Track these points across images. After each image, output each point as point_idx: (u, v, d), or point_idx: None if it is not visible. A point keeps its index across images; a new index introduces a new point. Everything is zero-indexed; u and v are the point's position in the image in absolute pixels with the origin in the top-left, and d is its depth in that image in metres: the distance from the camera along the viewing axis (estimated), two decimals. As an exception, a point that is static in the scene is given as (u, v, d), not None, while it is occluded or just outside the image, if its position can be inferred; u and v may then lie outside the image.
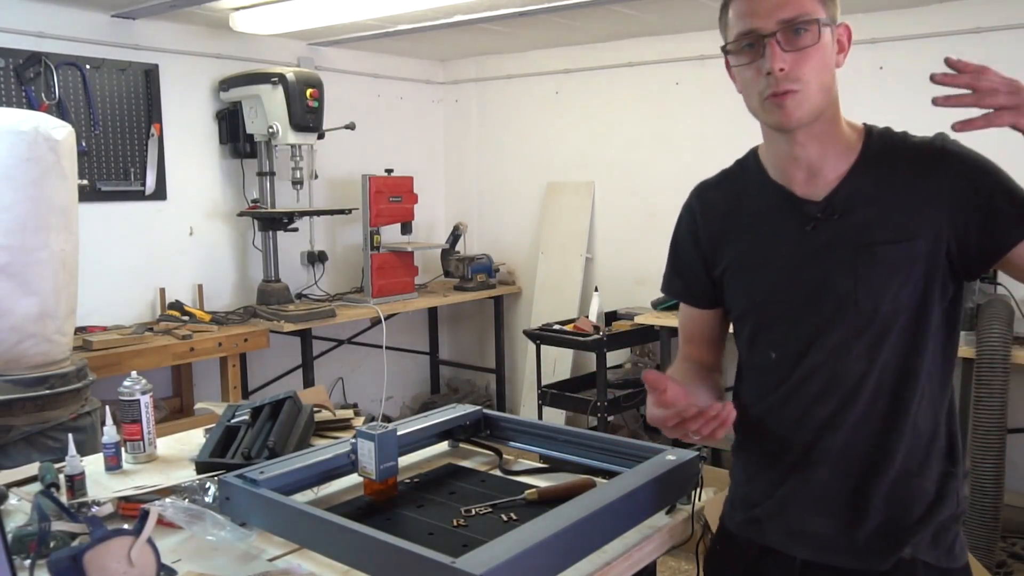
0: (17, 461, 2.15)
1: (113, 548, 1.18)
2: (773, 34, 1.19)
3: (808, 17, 1.19)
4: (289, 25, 3.93)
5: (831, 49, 1.23)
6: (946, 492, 1.26)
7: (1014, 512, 3.38)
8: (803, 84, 1.20)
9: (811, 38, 1.19)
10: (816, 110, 1.22)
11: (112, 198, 3.85)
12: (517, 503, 1.52)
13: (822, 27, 1.20)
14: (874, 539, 1.25)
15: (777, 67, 1.18)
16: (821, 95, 1.22)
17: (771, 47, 1.19)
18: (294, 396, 1.95)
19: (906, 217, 1.22)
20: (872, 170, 1.25)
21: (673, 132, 4.54)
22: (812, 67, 1.20)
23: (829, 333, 1.25)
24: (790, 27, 1.19)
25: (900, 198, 1.23)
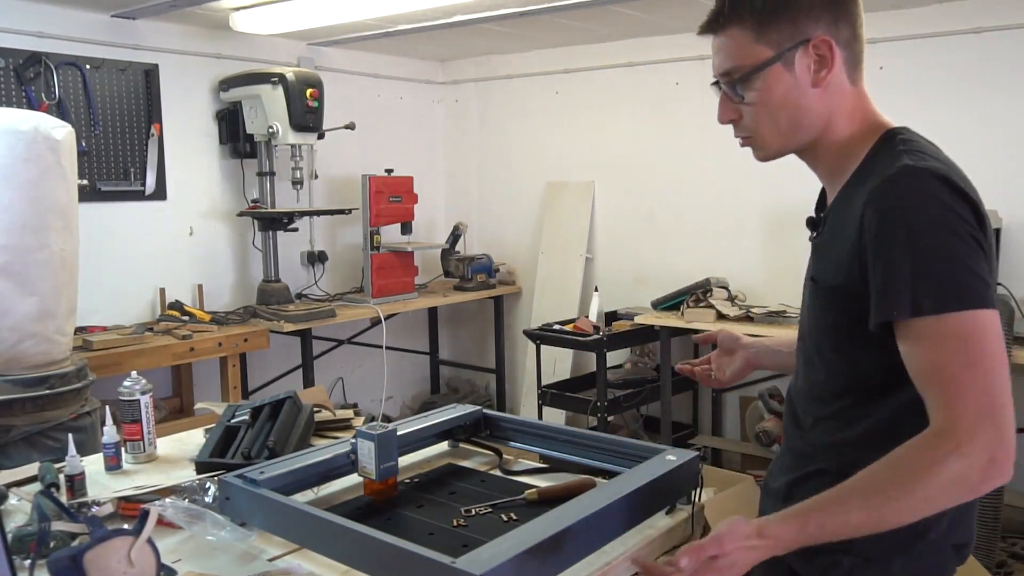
0: (17, 461, 2.15)
1: (113, 548, 1.18)
2: (718, 84, 1.21)
3: (739, 72, 1.17)
4: (289, 25, 3.93)
5: (786, 85, 1.15)
6: None
7: (1014, 512, 3.38)
8: (753, 131, 1.20)
9: (746, 95, 1.17)
10: (779, 150, 1.21)
11: (112, 198, 3.85)
12: (517, 503, 1.52)
13: (759, 76, 1.15)
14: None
15: (722, 120, 1.21)
16: (779, 137, 1.19)
17: (720, 97, 1.21)
18: (294, 396, 1.95)
19: (832, 257, 1.16)
20: (847, 194, 1.17)
21: (673, 132, 4.54)
22: (754, 116, 1.18)
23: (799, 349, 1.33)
24: (726, 81, 1.19)
25: (846, 232, 1.13)
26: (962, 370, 1.01)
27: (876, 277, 1.06)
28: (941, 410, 1.02)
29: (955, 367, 1.01)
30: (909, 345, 1.05)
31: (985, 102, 3.61)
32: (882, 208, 1.06)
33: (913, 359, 1.05)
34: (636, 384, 4.29)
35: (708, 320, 3.90)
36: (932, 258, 1.02)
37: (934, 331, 1.02)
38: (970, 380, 1.00)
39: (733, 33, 1.17)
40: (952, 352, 1.01)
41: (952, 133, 3.69)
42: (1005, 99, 3.57)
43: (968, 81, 3.64)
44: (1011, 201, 3.49)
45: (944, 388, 1.02)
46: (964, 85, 3.65)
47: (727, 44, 1.18)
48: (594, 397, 4.14)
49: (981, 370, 1.01)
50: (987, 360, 1.01)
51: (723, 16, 1.18)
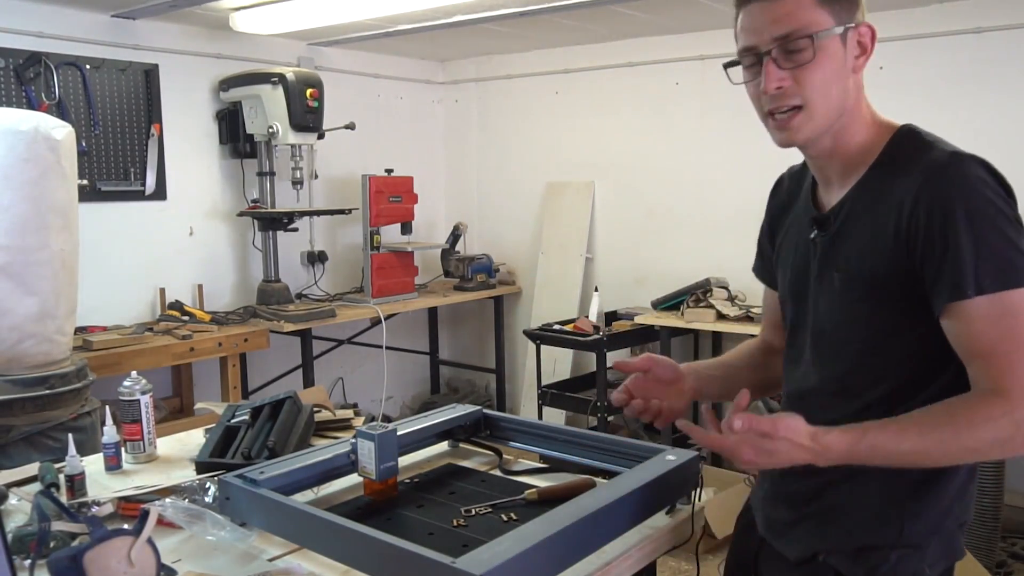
0: (17, 461, 2.15)
1: (113, 548, 1.18)
2: (769, 52, 1.16)
3: (804, 32, 1.14)
4: (289, 25, 3.93)
5: (839, 58, 1.16)
6: (891, 517, 1.20)
7: (1014, 512, 3.38)
8: (805, 99, 1.16)
9: (808, 54, 1.14)
10: (822, 128, 1.19)
11: (112, 198, 3.85)
12: (517, 503, 1.52)
13: (822, 40, 1.14)
14: (801, 534, 1.28)
15: (771, 87, 1.16)
16: (828, 111, 1.18)
17: (767, 65, 1.16)
18: (294, 396, 1.94)
19: (872, 247, 1.17)
20: (875, 185, 1.20)
21: (673, 132, 4.54)
22: (815, 83, 1.16)
23: (807, 348, 1.31)
24: (785, 44, 1.15)
25: (876, 224, 1.17)
26: (1016, 345, 1.08)
27: (937, 261, 1.10)
28: (996, 379, 1.08)
29: (1010, 342, 1.08)
30: (964, 323, 1.10)
31: (985, 102, 3.61)
32: (939, 195, 1.11)
33: (966, 336, 1.11)
34: (636, 384, 4.28)
35: (708, 320, 3.91)
36: (990, 240, 1.08)
37: (991, 309, 1.08)
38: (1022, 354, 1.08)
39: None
40: (1007, 328, 1.08)
41: (952, 133, 3.68)
42: (1005, 99, 3.57)
43: (968, 81, 3.64)
44: (1011, 201, 3.49)
45: (999, 361, 1.08)
46: (964, 85, 3.65)
47: (791, 6, 1.16)
48: (594, 397, 4.14)
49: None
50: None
51: None
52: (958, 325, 1.11)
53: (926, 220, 1.11)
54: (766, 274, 1.51)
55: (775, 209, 1.44)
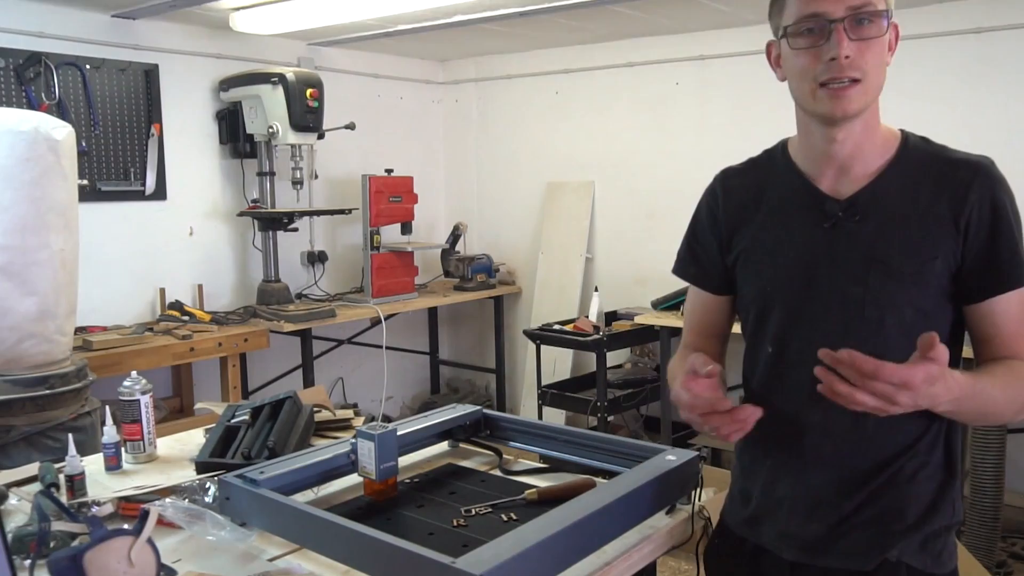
0: (17, 461, 2.15)
1: (113, 548, 1.18)
2: (842, 20, 1.17)
3: (875, 7, 1.19)
4: (289, 25, 3.93)
5: (887, 44, 1.23)
6: (941, 501, 1.26)
7: (1014, 512, 3.38)
8: (864, 74, 1.19)
9: (876, 29, 1.19)
10: (867, 104, 1.22)
11: (112, 198, 3.85)
12: (517, 503, 1.52)
13: (890, 19, 1.20)
14: (862, 541, 1.25)
15: (844, 54, 1.16)
16: (877, 90, 1.22)
17: (838, 33, 1.17)
18: (294, 396, 1.94)
19: (923, 234, 1.21)
20: (901, 178, 1.24)
21: (673, 132, 4.54)
22: (874, 59, 1.20)
23: (830, 336, 1.22)
24: (857, 15, 1.18)
25: (922, 213, 1.22)
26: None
27: (998, 253, 1.20)
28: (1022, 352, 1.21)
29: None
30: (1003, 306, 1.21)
31: (985, 102, 3.61)
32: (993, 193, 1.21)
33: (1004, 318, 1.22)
34: (636, 384, 4.29)
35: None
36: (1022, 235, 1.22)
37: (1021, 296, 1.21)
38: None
39: None
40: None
41: (952, 133, 3.69)
42: (1005, 99, 3.57)
43: (968, 81, 3.64)
44: (1011, 201, 3.49)
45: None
46: (964, 85, 3.65)
47: None
48: (594, 397, 4.14)
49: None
50: None
51: None
52: (1000, 309, 1.21)
53: (988, 214, 1.20)
54: (706, 279, 1.44)
55: (730, 207, 1.39)
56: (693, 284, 1.47)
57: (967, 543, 2.97)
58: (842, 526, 1.26)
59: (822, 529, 1.27)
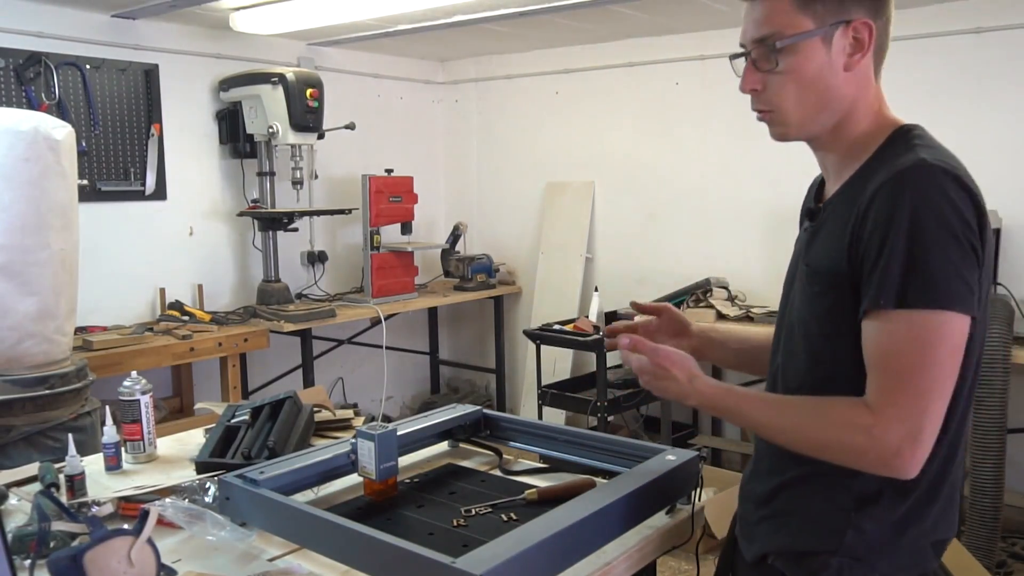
0: (17, 461, 2.15)
1: (113, 548, 1.18)
2: (748, 53, 1.16)
3: (781, 36, 1.13)
4: (289, 25, 3.93)
5: (819, 61, 1.14)
6: (830, 524, 1.17)
7: (1014, 512, 3.38)
8: (773, 106, 1.17)
9: (784, 59, 1.13)
10: (803, 128, 1.18)
11: (112, 198, 3.85)
12: (517, 503, 1.52)
13: (801, 42, 1.12)
14: (758, 534, 1.28)
15: (745, 88, 1.17)
16: (803, 114, 1.17)
17: (746, 66, 1.17)
18: (294, 396, 1.95)
19: (835, 245, 1.15)
20: (854, 184, 1.17)
21: (673, 132, 4.54)
22: (782, 89, 1.15)
23: (776, 340, 1.32)
24: (761, 47, 1.15)
25: (848, 217, 1.14)
26: (911, 368, 1.06)
27: (872, 265, 1.08)
28: (878, 393, 1.08)
29: (903, 361, 1.06)
30: (875, 330, 1.09)
31: (985, 102, 3.61)
32: (891, 199, 1.06)
33: (872, 343, 1.09)
34: (636, 384, 4.25)
35: (708, 320, 3.90)
36: (929, 256, 1.04)
37: (902, 323, 1.06)
38: (914, 379, 1.06)
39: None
40: (908, 347, 1.06)
41: (952, 133, 3.67)
42: (1005, 99, 3.57)
43: (968, 81, 3.64)
44: (1011, 201, 3.49)
45: (889, 376, 1.07)
46: (964, 85, 3.65)
47: (768, 10, 1.15)
48: (594, 397, 4.13)
49: (928, 375, 1.06)
50: (937, 368, 1.06)
51: None
52: (869, 331, 1.10)
53: (872, 223, 1.08)
54: None
55: (803, 207, 1.41)
56: None
57: (967, 543, 2.97)
58: (758, 517, 1.29)
59: (750, 514, 1.32)
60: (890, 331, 1.06)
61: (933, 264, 1.04)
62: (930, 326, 1.05)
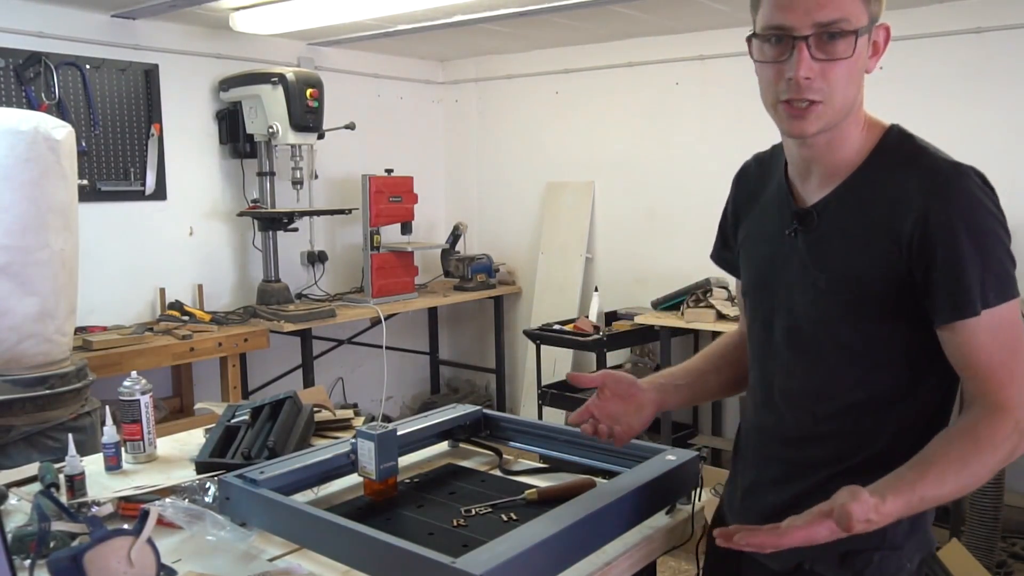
0: (17, 461, 2.15)
1: (113, 548, 1.18)
2: (806, 37, 1.08)
3: (848, 24, 1.08)
4: (289, 25, 3.93)
5: (862, 57, 1.13)
6: None
7: (1014, 512, 3.38)
8: (826, 96, 1.11)
9: (846, 48, 1.09)
10: (834, 123, 1.14)
11: (112, 198, 3.85)
12: (517, 503, 1.52)
13: (860, 36, 1.10)
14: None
15: (803, 75, 1.08)
16: (843, 109, 1.14)
17: (800, 51, 1.08)
18: (294, 396, 1.94)
19: (865, 248, 1.14)
20: (862, 187, 1.16)
21: (673, 132, 4.54)
22: (840, 80, 1.10)
23: (775, 345, 1.28)
24: (825, 32, 1.08)
25: (871, 224, 1.14)
26: (1011, 356, 1.11)
27: (941, 275, 1.10)
28: (996, 392, 1.10)
29: (1008, 353, 1.11)
30: (968, 337, 1.11)
31: (985, 102, 3.61)
32: (945, 208, 1.09)
33: (970, 349, 1.11)
34: (636, 384, 4.28)
35: (708, 320, 3.90)
36: (994, 255, 1.10)
37: (991, 321, 1.10)
38: (1017, 364, 1.11)
39: None
40: (1005, 339, 1.11)
41: (952, 133, 3.68)
42: (1005, 99, 3.57)
43: (968, 81, 3.64)
44: (1011, 201, 3.47)
45: (999, 372, 1.10)
46: (964, 85, 3.65)
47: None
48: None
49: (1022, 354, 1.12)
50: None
51: None
52: (962, 339, 1.11)
53: (932, 232, 1.09)
54: (726, 263, 1.49)
55: (741, 196, 1.40)
56: (719, 266, 1.51)
57: (967, 543, 2.97)
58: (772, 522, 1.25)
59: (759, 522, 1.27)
60: (985, 331, 1.10)
61: (998, 263, 1.10)
62: (1011, 315, 1.11)
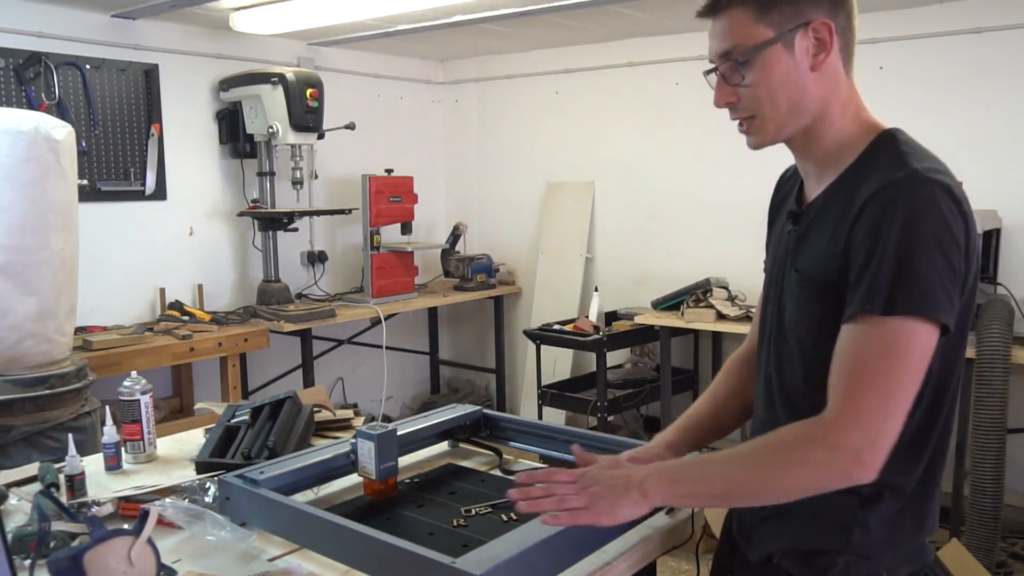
0: (17, 461, 2.15)
1: (113, 548, 1.18)
2: (716, 68, 1.20)
3: (743, 47, 1.16)
4: (289, 25, 3.93)
5: (785, 66, 1.15)
6: (837, 523, 1.18)
7: (1014, 512, 3.38)
8: (754, 110, 1.18)
9: (750, 69, 1.16)
10: (780, 131, 1.19)
11: (112, 198, 3.85)
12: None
13: (763, 52, 1.15)
14: (761, 535, 1.28)
15: (719, 103, 1.20)
16: (778, 117, 1.18)
17: (717, 80, 1.20)
18: (294, 396, 1.94)
19: (829, 251, 1.15)
20: (844, 189, 1.17)
21: (673, 132, 4.54)
22: (761, 94, 1.17)
23: (767, 343, 1.31)
24: (727, 60, 1.18)
25: (836, 226, 1.15)
26: (879, 373, 1.06)
27: (860, 271, 1.08)
28: (841, 398, 1.08)
29: (876, 367, 1.06)
30: (854, 332, 1.08)
31: (985, 102, 3.61)
32: (883, 209, 1.07)
33: (849, 346, 1.09)
34: (636, 384, 4.29)
35: (708, 320, 3.91)
36: (917, 265, 1.05)
37: (882, 328, 1.06)
38: (880, 384, 1.05)
39: (734, 14, 1.18)
40: (883, 354, 1.06)
41: (952, 133, 3.70)
42: (1005, 99, 3.57)
43: (968, 81, 3.64)
44: (1011, 201, 3.49)
45: (855, 380, 1.07)
46: (964, 85, 3.65)
47: (727, 25, 1.19)
48: (594, 397, 4.14)
49: (895, 380, 1.05)
50: (904, 374, 1.06)
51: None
52: (846, 334, 1.09)
53: (863, 232, 1.09)
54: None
55: (775, 201, 1.43)
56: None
57: (967, 543, 2.97)
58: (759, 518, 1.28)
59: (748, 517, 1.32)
60: (868, 336, 1.07)
61: (921, 273, 1.05)
62: (904, 334, 1.05)
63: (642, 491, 1.14)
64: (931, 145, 1.19)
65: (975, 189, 3.34)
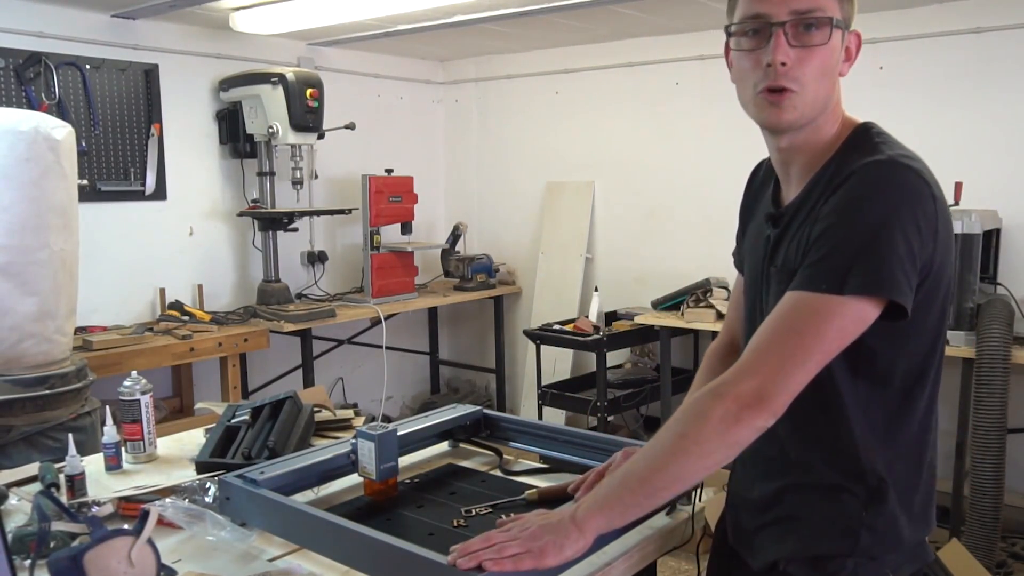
0: (17, 461, 2.15)
1: (113, 548, 1.18)
2: (783, 24, 1.11)
3: (823, 13, 1.12)
4: (289, 25, 3.93)
5: (838, 54, 1.16)
6: (842, 526, 1.18)
7: (1014, 512, 3.38)
8: (801, 86, 1.13)
9: (821, 36, 1.12)
10: (808, 117, 1.16)
11: (112, 198, 3.85)
12: (517, 503, 1.52)
13: (835, 27, 1.13)
14: (765, 539, 1.27)
15: (779, 59, 1.11)
16: (817, 102, 1.16)
17: (777, 37, 1.11)
18: (294, 396, 1.94)
19: (805, 238, 1.15)
20: (822, 182, 1.17)
21: (673, 132, 4.54)
22: (814, 69, 1.13)
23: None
24: (802, 20, 1.12)
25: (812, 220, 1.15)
26: (788, 332, 1.08)
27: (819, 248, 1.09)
28: (744, 353, 1.11)
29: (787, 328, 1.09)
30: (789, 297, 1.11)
31: (985, 102, 3.60)
32: (852, 189, 1.09)
33: (778, 307, 1.12)
34: (636, 384, 4.29)
35: (708, 320, 3.91)
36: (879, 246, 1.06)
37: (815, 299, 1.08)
38: (786, 344, 1.08)
39: None
40: (803, 319, 1.08)
41: (952, 133, 3.70)
42: (1005, 99, 3.57)
43: (968, 81, 3.64)
44: (1011, 201, 3.49)
45: (760, 336, 1.11)
46: (964, 85, 3.65)
47: None
48: (594, 397, 4.14)
49: (802, 341, 1.07)
50: (813, 338, 1.07)
51: None
52: (786, 299, 1.11)
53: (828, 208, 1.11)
54: (739, 267, 1.48)
55: (747, 199, 1.42)
56: (736, 268, 1.49)
57: (967, 543, 2.97)
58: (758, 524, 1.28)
59: (747, 523, 1.31)
60: (802, 302, 1.09)
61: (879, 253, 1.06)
62: (835, 305, 1.06)
63: (576, 525, 1.12)
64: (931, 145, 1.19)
65: (975, 189, 3.37)
